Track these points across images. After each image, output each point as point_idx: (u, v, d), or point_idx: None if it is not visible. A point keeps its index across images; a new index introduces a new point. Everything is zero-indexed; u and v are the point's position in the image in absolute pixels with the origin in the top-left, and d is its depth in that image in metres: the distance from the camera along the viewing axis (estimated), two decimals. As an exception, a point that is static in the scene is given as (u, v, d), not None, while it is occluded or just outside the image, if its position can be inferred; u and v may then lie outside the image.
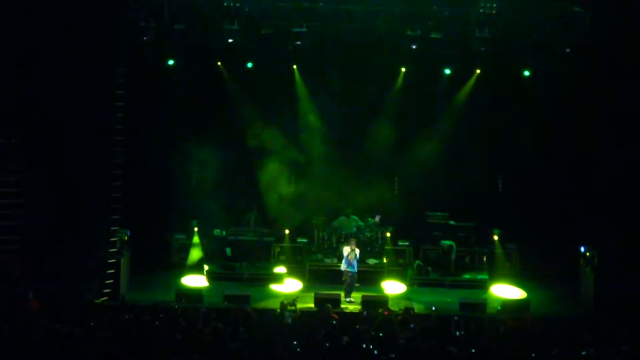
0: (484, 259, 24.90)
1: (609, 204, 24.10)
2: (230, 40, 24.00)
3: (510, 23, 23.53)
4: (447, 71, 25.31)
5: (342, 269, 22.88)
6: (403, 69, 25.47)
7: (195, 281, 23.80)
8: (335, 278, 23.46)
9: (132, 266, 23.43)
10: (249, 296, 21.91)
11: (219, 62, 25.41)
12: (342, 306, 21.85)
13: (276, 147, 25.59)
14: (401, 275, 24.40)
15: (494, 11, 23.33)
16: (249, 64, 25.16)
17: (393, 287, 23.73)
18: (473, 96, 25.53)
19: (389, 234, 24.93)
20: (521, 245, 25.06)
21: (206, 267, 24.36)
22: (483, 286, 24.05)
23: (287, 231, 25.20)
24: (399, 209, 25.46)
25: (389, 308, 20.91)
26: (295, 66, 25.58)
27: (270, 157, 25.50)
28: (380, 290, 23.41)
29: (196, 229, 24.72)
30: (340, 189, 25.62)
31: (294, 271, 24.46)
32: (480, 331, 18.13)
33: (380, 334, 17.08)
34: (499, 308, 21.57)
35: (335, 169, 25.59)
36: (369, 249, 24.63)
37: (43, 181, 23.57)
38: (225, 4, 23.39)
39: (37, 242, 22.95)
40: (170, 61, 24.82)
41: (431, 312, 20.60)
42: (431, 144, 25.71)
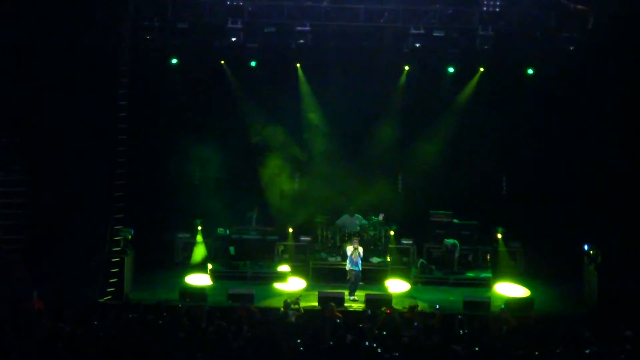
0: (488, 257, 24.88)
1: (612, 202, 24.08)
2: (233, 39, 23.96)
3: (514, 21, 23.53)
4: (451, 69, 25.26)
5: (347, 268, 22.88)
6: (406, 67, 25.41)
7: (199, 280, 23.82)
8: (339, 276, 23.46)
9: (136, 265, 23.39)
10: (252, 295, 21.90)
11: (222, 61, 25.37)
12: (346, 305, 21.85)
13: (279, 145, 25.59)
14: (405, 274, 24.38)
15: (497, 9, 23.32)
16: (252, 63, 25.09)
17: (397, 286, 23.74)
18: (476, 94, 25.49)
19: (392, 233, 24.88)
20: (525, 244, 25.02)
21: (210, 266, 24.37)
22: (487, 284, 24.01)
23: (290, 230, 25.18)
24: (402, 207, 25.45)
25: (392, 306, 20.92)
26: (298, 65, 25.55)
27: (273, 155, 25.51)
28: (384, 289, 23.41)
29: (200, 227, 24.78)
30: (344, 187, 25.61)
31: (297, 270, 24.42)
32: (484, 329, 18.15)
33: (384, 333, 17.09)
34: (503, 306, 21.52)
35: (338, 167, 25.58)
36: (372, 247, 24.56)
37: (45, 181, 23.60)
38: (228, 2, 23.39)
39: (40, 242, 22.99)
40: (174, 60, 24.79)
41: (435, 310, 20.62)
42: (435, 142, 25.70)
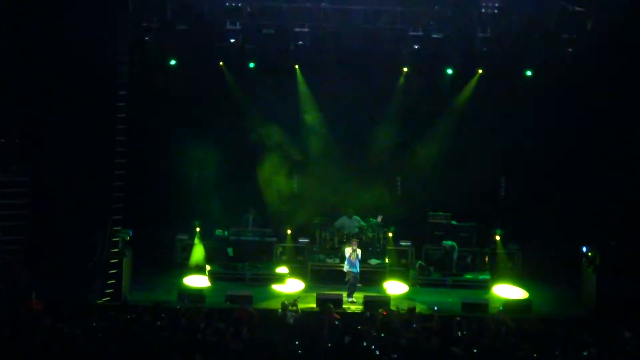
0: (486, 259, 24.87)
1: (611, 204, 24.08)
2: (232, 40, 24.00)
3: (512, 23, 23.53)
4: (449, 71, 25.23)
5: (345, 269, 22.89)
6: (405, 68, 25.40)
7: (197, 281, 23.81)
8: (337, 278, 23.46)
9: (135, 266, 23.39)
10: (251, 296, 21.90)
11: (220, 62, 25.35)
12: (344, 306, 21.85)
13: (278, 147, 25.58)
14: (403, 276, 24.37)
15: (495, 11, 23.35)
16: (251, 64, 25.09)
17: (395, 288, 23.75)
18: (475, 96, 25.48)
19: (390, 234, 24.88)
20: (523, 246, 25.01)
21: (208, 267, 24.37)
22: (485, 286, 24.01)
23: (289, 231, 25.18)
24: (400, 209, 25.42)
25: (389, 308, 20.92)
26: (297, 66, 25.55)
27: (272, 157, 25.50)
28: (383, 291, 23.41)
29: (198, 229, 24.75)
30: (342, 189, 25.60)
31: (296, 271, 24.43)
32: (482, 331, 18.14)
33: (382, 334, 17.09)
34: (501, 308, 21.53)
35: (337, 168, 25.57)
36: (370, 249, 24.55)
37: (44, 181, 23.58)
38: (227, 4, 23.40)
39: (39, 243, 22.96)
40: (172, 61, 24.78)
41: (433, 312, 20.58)
42: (433, 143, 25.66)
